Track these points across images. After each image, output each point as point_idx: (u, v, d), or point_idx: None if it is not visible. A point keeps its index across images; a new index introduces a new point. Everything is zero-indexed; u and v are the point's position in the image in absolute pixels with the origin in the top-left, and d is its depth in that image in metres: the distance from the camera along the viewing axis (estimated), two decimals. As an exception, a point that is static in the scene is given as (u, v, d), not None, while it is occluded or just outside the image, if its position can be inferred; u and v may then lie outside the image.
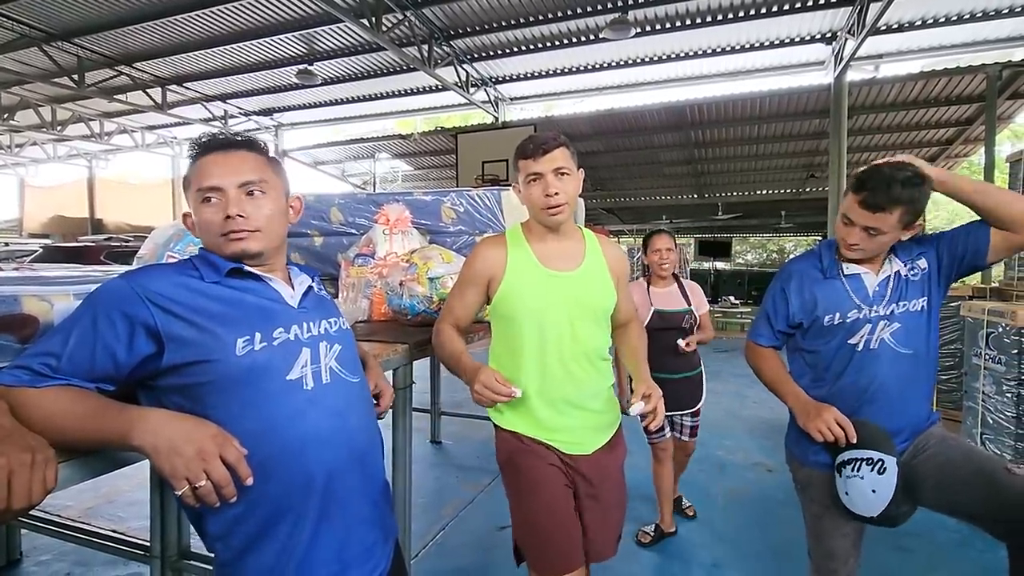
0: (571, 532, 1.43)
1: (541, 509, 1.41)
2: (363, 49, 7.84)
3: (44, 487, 0.69)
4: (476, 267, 1.45)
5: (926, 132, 9.68)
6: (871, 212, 1.35)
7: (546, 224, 1.41)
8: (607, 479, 1.49)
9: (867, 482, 1.34)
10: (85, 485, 3.13)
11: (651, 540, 2.69)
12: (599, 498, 1.47)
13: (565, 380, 1.41)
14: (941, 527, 2.66)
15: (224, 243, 0.93)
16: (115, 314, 0.82)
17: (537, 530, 1.42)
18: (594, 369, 1.46)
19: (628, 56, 8.02)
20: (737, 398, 5.76)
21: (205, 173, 0.93)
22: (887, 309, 1.43)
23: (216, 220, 0.93)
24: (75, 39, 7.45)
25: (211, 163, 0.94)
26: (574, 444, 1.44)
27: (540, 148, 1.35)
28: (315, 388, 0.92)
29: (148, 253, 1.85)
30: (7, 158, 13.81)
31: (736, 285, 18.69)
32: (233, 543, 0.88)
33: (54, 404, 0.77)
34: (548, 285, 1.40)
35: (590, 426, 1.47)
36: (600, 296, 1.46)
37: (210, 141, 0.96)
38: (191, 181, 0.95)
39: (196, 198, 0.94)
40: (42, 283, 0.96)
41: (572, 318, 1.40)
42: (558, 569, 1.40)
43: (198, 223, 0.95)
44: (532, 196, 1.38)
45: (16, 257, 7.77)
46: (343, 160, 13.40)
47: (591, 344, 1.44)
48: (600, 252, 1.50)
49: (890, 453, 1.34)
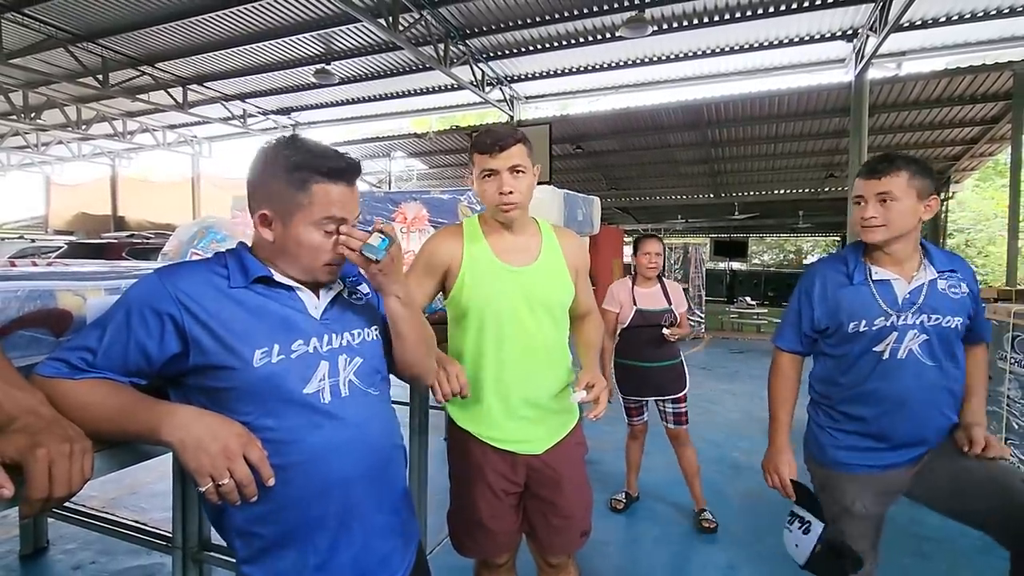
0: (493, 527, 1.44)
1: (467, 501, 1.46)
2: (379, 48, 7.89)
3: (83, 476, 0.71)
4: (433, 254, 1.44)
5: (950, 131, 9.50)
6: (878, 178, 1.35)
7: (499, 220, 1.41)
8: (562, 477, 1.45)
9: (793, 537, 1.48)
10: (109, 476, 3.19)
11: (624, 506, 3.00)
12: (554, 495, 1.45)
13: (523, 374, 1.40)
14: (962, 534, 2.61)
15: (324, 273, 0.96)
16: (147, 311, 0.84)
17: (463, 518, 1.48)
18: (552, 363, 1.45)
19: (644, 54, 7.97)
20: (754, 399, 5.70)
21: (336, 203, 0.92)
22: (917, 318, 1.38)
23: (327, 250, 0.93)
24: (99, 40, 7.61)
25: (343, 194, 0.93)
26: (524, 443, 1.42)
27: (497, 145, 1.32)
28: (332, 402, 0.92)
29: (172, 250, 1.89)
30: (34, 156, 14.14)
31: (752, 286, 18.50)
32: (252, 543, 0.90)
33: (89, 396, 0.80)
34: (504, 280, 1.39)
35: (545, 423, 1.45)
36: (557, 290, 1.45)
37: (341, 167, 0.94)
38: (312, 203, 0.90)
39: (317, 224, 0.91)
40: (75, 278, 0.99)
41: (528, 313, 1.39)
42: (473, 553, 1.50)
43: (303, 244, 0.92)
44: (486, 192, 1.36)
45: (42, 253, 7.96)
46: (359, 159, 13.45)
47: (548, 339, 1.43)
48: (557, 245, 1.48)
49: (820, 519, 1.44)
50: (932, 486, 1.43)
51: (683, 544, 2.69)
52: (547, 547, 1.51)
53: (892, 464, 1.43)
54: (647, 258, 2.87)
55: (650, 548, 2.65)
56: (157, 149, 13.07)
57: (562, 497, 1.46)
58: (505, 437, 1.41)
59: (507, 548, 1.49)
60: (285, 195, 0.91)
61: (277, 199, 0.92)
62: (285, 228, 0.92)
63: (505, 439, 1.41)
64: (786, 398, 1.57)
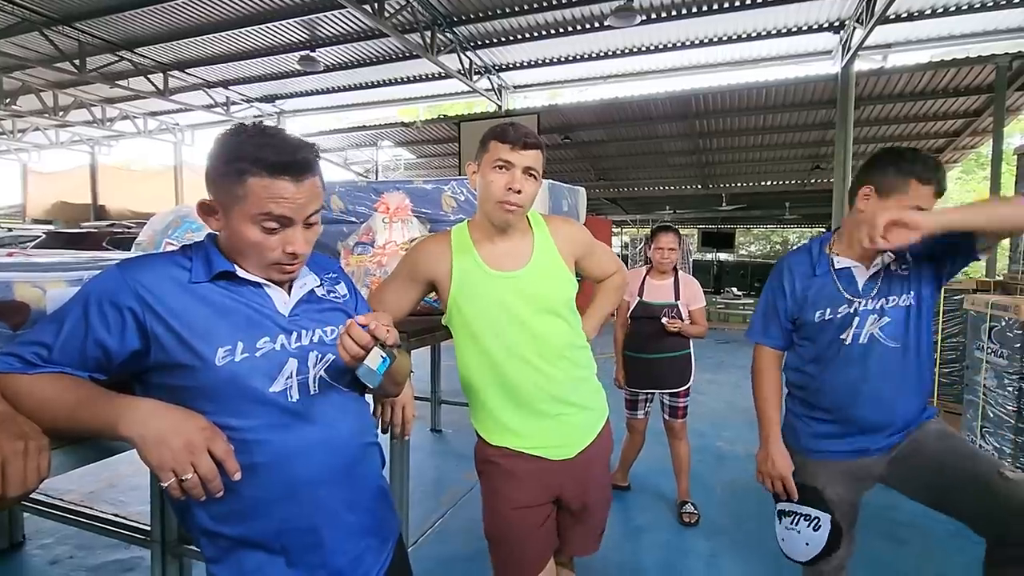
0: (527, 545, 1.39)
1: (499, 520, 1.40)
2: (365, 35, 7.76)
3: (38, 475, 0.69)
4: (418, 263, 1.39)
5: (933, 123, 9.59)
6: (937, 197, 1.35)
7: (495, 220, 1.32)
8: (592, 480, 1.44)
9: (803, 536, 1.47)
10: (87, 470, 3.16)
11: None
12: (584, 501, 1.44)
13: (538, 380, 1.34)
14: (936, 519, 2.64)
15: (274, 272, 0.90)
16: (107, 305, 0.81)
17: (493, 537, 1.42)
18: (567, 361, 1.39)
19: (633, 44, 7.93)
20: (737, 389, 5.76)
21: (276, 199, 0.84)
22: (876, 303, 1.41)
23: (272, 248, 0.87)
24: (75, 23, 7.39)
25: (284, 190, 0.84)
26: (556, 448, 1.38)
27: (522, 140, 1.27)
28: (300, 400, 0.89)
29: (147, 239, 1.84)
30: (10, 143, 13.78)
31: (739, 276, 18.65)
32: (218, 543, 0.88)
33: (46, 391, 0.77)
34: (499, 288, 1.33)
35: (574, 423, 1.41)
36: (556, 289, 1.38)
37: (285, 161, 0.84)
38: (247, 196, 0.84)
39: (254, 220, 0.85)
40: (35, 269, 0.95)
41: (529, 318, 1.33)
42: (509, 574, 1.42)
43: (244, 240, 0.86)
44: (493, 184, 1.28)
45: (19, 242, 7.78)
46: (345, 148, 13.35)
47: (557, 338, 1.37)
48: (550, 240, 1.41)
49: (826, 511, 1.44)
50: (907, 475, 1.45)
51: (668, 534, 2.72)
52: (567, 550, 1.50)
53: (862, 450, 1.45)
54: (660, 253, 2.83)
55: (634, 537, 2.67)
56: (138, 137, 12.79)
57: (589, 500, 1.44)
58: (533, 444, 1.37)
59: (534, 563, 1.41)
60: (223, 185, 0.85)
61: (218, 188, 0.87)
62: (227, 220, 0.87)
63: (534, 446, 1.37)
64: (772, 393, 1.57)
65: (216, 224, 0.90)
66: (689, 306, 2.83)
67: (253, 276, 0.91)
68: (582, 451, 1.41)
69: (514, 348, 1.33)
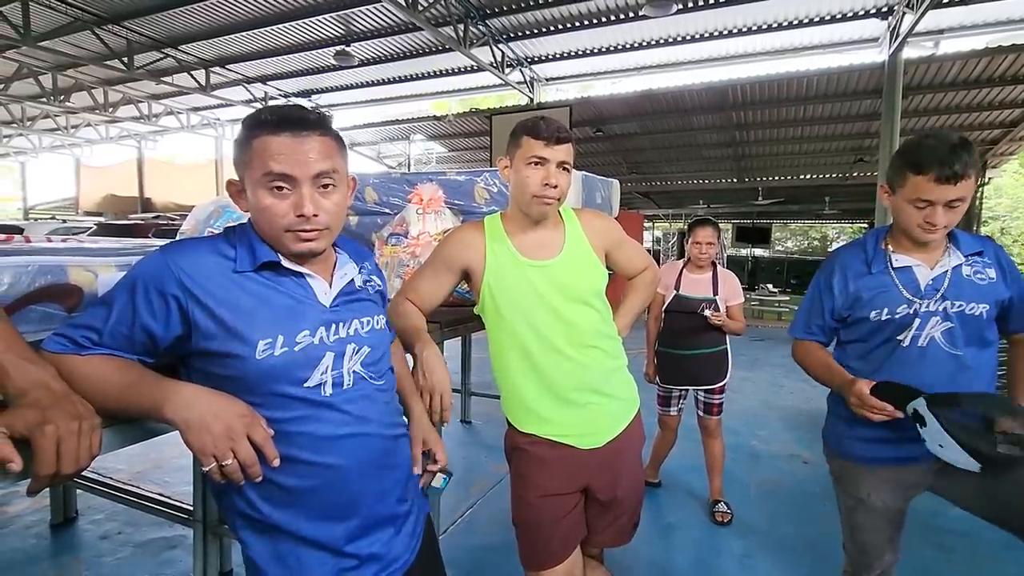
0: (553, 532, 1.39)
1: (525, 507, 1.41)
2: (399, 29, 7.83)
3: (91, 453, 0.71)
4: (453, 250, 1.40)
5: (988, 113, 9.10)
6: (952, 184, 1.21)
7: (531, 213, 1.35)
8: (623, 471, 1.43)
9: (931, 442, 1.20)
10: (134, 450, 3.30)
11: None
12: (614, 492, 1.43)
13: (570, 368, 1.35)
14: (985, 527, 2.53)
15: (290, 240, 0.87)
16: (152, 292, 0.82)
17: (520, 524, 1.43)
18: (599, 351, 1.40)
19: (669, 34, 7.77)
20: (773, 387, 5.62)
21: (275, 155, 0.83)
22: (940, 305, 1.32)
23: (284, 213, 0.85)
24: (124, 22, 7.69)
25: (283, 145, 0.83)
26: (585, 437, 1.39)
27: (555, 135, 1.29)
28: (334, 394, 0.89)
29: (190, 229, 1.90)
30: (64, 139, 14.44)
31: (775, 273, 18.18)
32: (254, 526, 0.89)
33: (96, 372, 0.80)
34: (532, 277, 1.35)
35: (604, 412, 1.41)
36: (587, 279, 1.40)
37: (283, 116, 0.85)
38: (252, 159, 0.84)
39: (261, 181, 0.84)
40: (87, 254, 0.99)
41: (561, 306, 1.35)
42: (531, 565, 1.41)
43: (257, 208, 0.86)
44: (529, 179, 1.31)
45: (73, 233, 8.17)
46: (378, 142, 13.52)
47: (588, 327, 1.38)
48: (581, 231, 1.43)
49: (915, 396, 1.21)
50: (959, 485, 1.36)
51: (700, 532, 2.67)
52: (598, 541, 1.50)
53: (910, 457, 1.36)
54: (698, 248, 2.73)
55: (665, 534, 2.63)
56: (182, 132, 13.24)
57: (619, 491, 1.44)
58: (563, 432, 1.38)
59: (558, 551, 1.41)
60: (239, 158, 0.87)
61: (236, 163, 0.88)
62: (248, 195, 0.88)
63: (564, 434, 1.38)
64: (827, 361, 1.46)
65: (244, 204, 0.90)
66: (728, 302, 2.73)
67: (296, 266, 0.91)
68: (611, 441, 1.41)
69: (545, 336, 1.34)
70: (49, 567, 2.32)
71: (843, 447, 1.48)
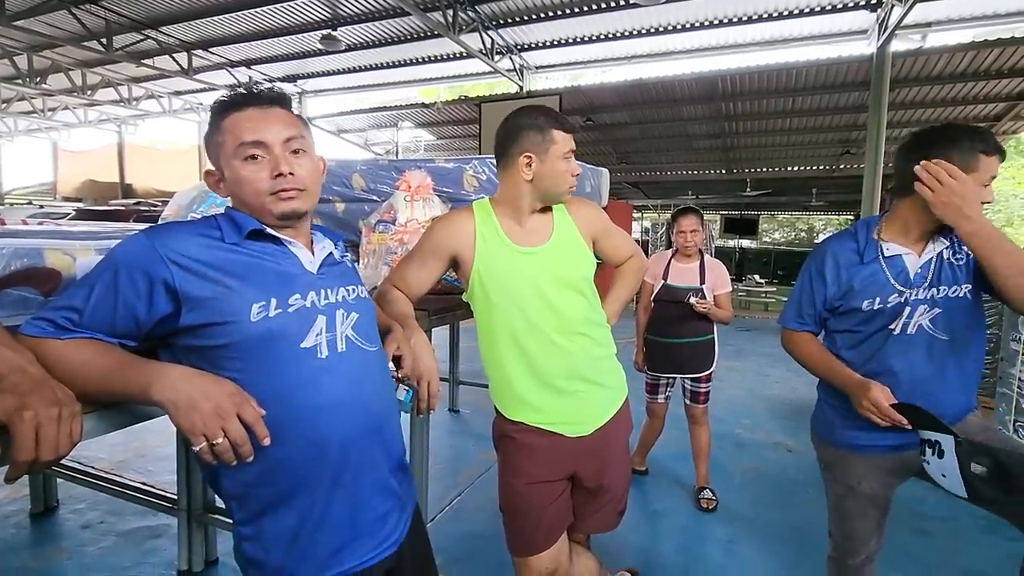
0: (540, 519, 1.40)
1: (513, 494, 1.42)
2: (387, 14, 7.69)
3: (71, 440, 0.69)
4: (441, 237, 1.39)
5: (973, 107, 9.20)
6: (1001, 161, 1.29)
7: (554, 201, 1.41)
8: (611, 458, 1.45)
9: (934, 467, 1.24)
10: (116, 439, 3.26)
11: None
12: (601, 479, 1.44)
13: (558, 356, 1.36)
14: (966, 512, 2.61)
15: (273, 203, 0.91)
16: (136, 272, 0.81)
17: (508, 511, 1.44)
18: (587, 339, 1.40)
19: (659, 23, 7.73)
20: (758, 377, 5.69)
21: (245, 128, 0.89)
22: (927, 293, 1.34)
23: (262, 178, 0.89)
24: (102, 1, 7.46)
25: (250, 118, 0.90)
26: (573, 425, 1.39)
27: (573, 128, 1.36)
28: (330, 356, 0.91)
29: (172, 214, 1.86)
30: (41, 122, 14.07)
31: (762, 264, 18.37)
32: (249, 505, 0.89)
33: (77, 356, 0.78)
34: (522, 263, 1.35)
35: (592, 400, 1.41)
36: (576, 265, 1.41)
37: (245, 95, 0.92)
38: (224, 137, 0.90)
39: (235, 155, 0.89)
40: (65, 237, 0.96)
41: (550, 293, 1.35)
42: (519, 551, 1.43)
43: (236, 182, 0.91)
44: (563, 172, 1.35)
45: (51, 219, 7.98)
46: (366, 128, 13.34)
47: (577, 315, 1.38)
48: (569, 219, 1.45)
49: (947, 432, 1.20)
50: None
51: (685, 518, 2.71)
52: (584, 527, 1.51)
53: (903, 444, 1.38)
54: (683, 237, 2.77)
55: (651, 521, 2.66)
56: (163, 116, 12.96)
57: (606, 478, 1.45)
58: (550, 420, 1.38)
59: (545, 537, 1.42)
60: (211, 143, 0.92)
61: (209, 149, 0.93)
62: (225, 176, 0.92)
63: (551, 422, 1.38)
64: (822, 353, 1.47)
65: (223, 190, 0.94)
66: (715, 291, 2.76)
67: (280, 234, 0.93)
68: (599, 429, 1.42)
69: (535, 322, 1.35)
70: (30, 557, 2.29)
71: (835, 435, 1.49)
